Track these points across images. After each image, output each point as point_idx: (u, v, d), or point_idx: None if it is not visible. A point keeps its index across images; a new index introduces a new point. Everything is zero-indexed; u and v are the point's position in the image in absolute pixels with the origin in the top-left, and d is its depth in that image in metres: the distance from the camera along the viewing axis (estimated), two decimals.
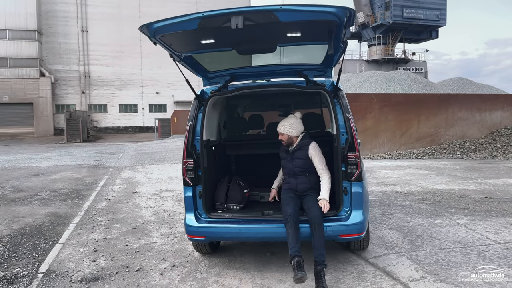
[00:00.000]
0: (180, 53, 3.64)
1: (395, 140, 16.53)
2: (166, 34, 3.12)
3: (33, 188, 9.80)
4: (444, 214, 6.34)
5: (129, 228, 6.14)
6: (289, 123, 4.37)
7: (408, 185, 9.19)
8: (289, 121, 4.39)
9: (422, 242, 4.96)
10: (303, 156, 4.35)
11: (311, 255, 3.94)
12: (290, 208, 3.96)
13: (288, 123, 4.37)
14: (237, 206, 4.46)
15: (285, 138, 4.39)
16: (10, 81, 44.36)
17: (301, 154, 4.36)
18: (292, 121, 4.39)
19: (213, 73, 4.38)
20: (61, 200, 8.39)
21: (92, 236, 5.78)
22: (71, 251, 5.16)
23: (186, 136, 4.22)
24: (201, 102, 4.28)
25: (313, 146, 4.37)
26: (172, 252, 4.98)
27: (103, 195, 8.87)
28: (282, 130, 4.38)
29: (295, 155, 4.38)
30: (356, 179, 3.98)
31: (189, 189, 4.24)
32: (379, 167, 12.73)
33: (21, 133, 43.46)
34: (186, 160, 4.20)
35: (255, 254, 4.77)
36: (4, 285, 4.12)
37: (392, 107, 16.40)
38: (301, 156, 4.36)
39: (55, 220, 6.76)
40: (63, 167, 14.21)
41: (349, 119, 4.00)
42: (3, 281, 4.23)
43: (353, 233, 3.96)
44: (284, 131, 4.37)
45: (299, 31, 3.20)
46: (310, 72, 4.19)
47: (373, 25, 45.09)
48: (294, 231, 3.82)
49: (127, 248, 5.20)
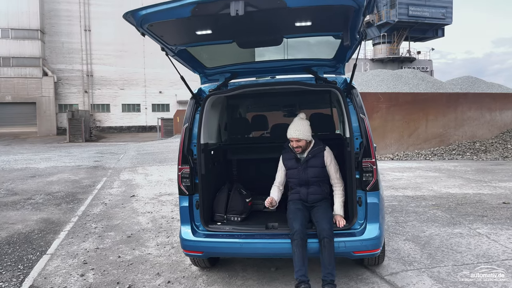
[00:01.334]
0: (174, 46, 3.20)
1: (402, 141, 16.05)
2: (155, 23, 2.68)
3: (27, 191, 9.41)
4: (462, 223, 5.88)
5: (124, 237, 5.73)
6: (303, 127, 3.86)
7: (419, 189, 8.73)
8: (302, 125, 3.88)
9: (442, 256, 4.51)
10: (319, 164, 3.88)
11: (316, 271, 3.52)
12: (297, 223, 3.52)
13: (302, 127, 3.85)
14: (238, 217, 4.03)
15: (303, 144, 3.88)
16: (13, 81, 44.18)
17: (316, 162, 3.89)
18: (305, 124, 3.91)
19: (212, 70, 3.93)
20: (55, 204, 8.00)
21: (84, 246, 5.37)
22: (59, 263, 4.76)
23: (181, 140, 3.79)
24: (198, 102, 3.85)
25: (328, 152, 3.94)
26: (168, 266, 4.56)
27: (100, 199, 8.47)
28: (300, 136, 3.82)
29: (309, 163, 3.89)
30: (372, 188, 3.55)
31: (185, 198, 3.81)
32: (387, 169, 12.27)
33: (24, 132, 43.24)
34: (182, 167, 3.78)
35: (258, 268, 4.34)
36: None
37: (400, 106, 15.92)
38: (316, 164, 3.89)
39: (46, 227, 6.36)
40: (61, 168, 13.84)
41: (364, 121, 3.57)
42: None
43: (369, 249, 3.52)
44: (303, 136, 3.83)
45: (309, 19, 2.76)
46: (320, 69, 3.75)
47: (378, 24, 44.48)
48: (301, 250, 3.39)
49: (120, 260, 4.78)
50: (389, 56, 44.50)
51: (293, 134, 3.83)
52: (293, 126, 3.88)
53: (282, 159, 4.06)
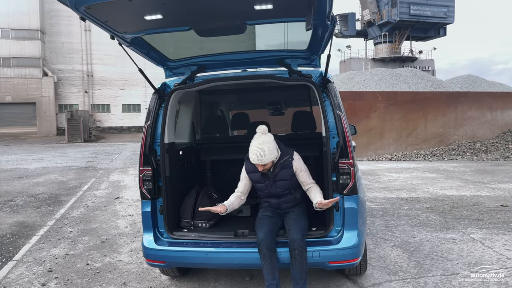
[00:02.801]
0: (124, 34, 2.88)
1: (401, 141, 15.70)
2: (92, 5, 2.36)
3: (10, 193, 9.13)
4: (456, 227, 5.54)
5: (98, 242, 5.42)
6: (267, 148, 3.30)
7: (414, 191, 8.39)
8: (265, 147, 3.30)
9: (431, 264, 4.18)
10: (288, 176, 3.44)
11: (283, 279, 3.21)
12: (262, 232, 3.16)
13: (267, 149, 3.29)
14: (207, 224, 3.69)
15: (270, 166, 3.38)
16: (13, 81, 44.01)
17: (284, 175, 3.44)
18: (268, 143, 3.32)
19: (176, 62, 3.61)
20: (35, 207, 7.70)
21: (53, 252, 5.07)
22: (23, 271, 4.46)
23: (143, 139, 3.48)
24: (162, 98, 3.54)
25: (296, 160, 3.46)
26: (136, 274, 4.25)
27: (83, 201, 8.17)
28: (265, 161, 3.29)
29: (277, 177, 3.45)
30: (349, 192, 3.22)
31: (147, 203, 3.50)
32: (383, 170, 11.92)
33: (24, 133, 43.08)
34: (143, 168, 3.46)
35: (232, 278, 4.02)
36: None
37: (398, 106, 15.57)
38: (285, 177, 3.44)
39: (20, 231, 6.07)
40: (51, 169, 13.57)
41: (341, 118, 3.24)
42: None
43: (346, 259, 3.19)
44: (268, 160, 3.30)
45: (269, 2, 2.44)
46: (294, 61, 3.42)
47: (379, 23, 43.96)
48: (270, 262, 3.07)
49: (87, 268, 4.48)
50: (391, 56, 43.99)
51: (257, 161, 3.31)
52: (255, 149, 3.32)
53: (245, 170, 3.60)
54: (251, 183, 3.60)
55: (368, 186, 8.98)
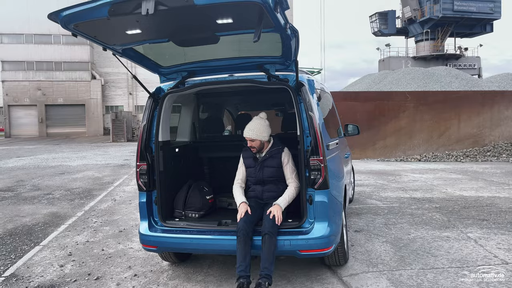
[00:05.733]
0: (113, 46, 3.32)
1: (432, 141, 15.39)
2: (80, 23, 2.80)
3: (50, 187, 10.02)
4: (456, 226, 5.60)
5: (116, 231, 5.98)
6: (259, 127, 3.92)
7: (431, 191, 8.37)
8: (258, 124, 3.94)
9: (414, 259, 4.34)
10: (275, 164, 3.93)
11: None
12: (242, 220, 3.56)
13: (258, 127, 3.91)
14: (196, 214, 4.10)
15: (257, 144, 3.95)
16: (64, 84, 46.82)
17: (272, 162, 3.94)
18: (261, 124, 3.96)
19: (168, 69, 4.03)
20: (69, 200, 8.46)
21: (76, 239, 5.67)
22: (46, 254, 5.06)
23: (139, 138, 3.93)
24: (157, 101, 3.97)
25: (286, 153, 3.97)
26: (142, 260, 4.73)
27: (112, 195, 8.86)
28: (253, 136, 3.90)
29: (265, 163, 3.96)
30: (320, 186, 3.50)
31: (143, 194, 3.95)
32: (408, 170, 11.83)
33: (74, 132, 45.80)
34: (140, 163, 3.92)
35: (224, 265, 4.40)
36: None
37: (429, 105, 15.28)
38: (272, 164, 3.94)
39: (51, 220, 6.77)
40: (90, 166, 14.57)
41: (312, 119, 3.52)
42: None
43: (315, 248, 3.47)
44: (256, 136, 3.90)
45: (227, 17, 2.78)
46: (272, 66, 3.74)
47: (420, 20, 42.62)
48: (242, 246, 3.42)
49: (101, 254, 5.01)
50: (433, 54, 42.54)
51: (246, 133, 3.91)
52: (249, 125, 3.94)
53: (242, 156, 4.14)
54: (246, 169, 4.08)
55: (384, 186, 9.05)
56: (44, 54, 45.51)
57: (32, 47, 45.10)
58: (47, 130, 45.88)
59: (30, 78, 45.53)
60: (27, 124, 45.71)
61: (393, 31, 45.99)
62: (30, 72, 45.71)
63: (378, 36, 47.55)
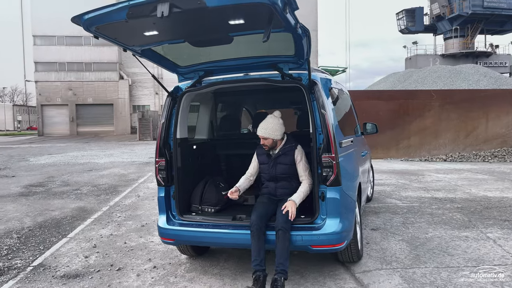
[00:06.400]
0: (133, 47, 3.49)
1: (458, 141, 15.05)
2: (101, 26, 2.98)
3: (78, 183, 10.42)
4: (476, 226, 5.52)
5: (138, 226, 6.20)
6: (272, 126, 3.98)
7: (454, 191, 8.23)
8: (271, 123, 4.00)
9: (429, 257, 4.33)
10: (288, 161, 3.99)
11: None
12: (255, 215, 3.66)
13: (271, 126, 3.98)
14: (212, 209, 4.23)
15: (269, 142, 4.02)
16: (93, 84, 48.22)
17: (285, 160, 4.01)
18: (275, 122, 4.02)
19: (185, 68, 4.17)
20: (96, 195, 8.79)
21: (101, 232, 5.92)
22: (73, 246, 5.32)
23: (158, 135, 4.10)
24: (175, 100, 4.12)
25: (299, 151, 4.02)
26: (161, 253, 4.91)
27: (136, 192, 9.14)
28: (265, 134, 3.97)
29: (278, 160, 4.03)
30: (332, 183, 3.56)
31: (161, 189, 4.12)
32: (431, 170, 11.64)
33: (103, 131, 47.12)
34: (158, 159, 4.08)
35: (240, 260, 4.51)
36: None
37: (456, 104, 14.94)
38: (285, 161, 4.01)
39: (78, 214, 7.07)
40: (117, 163, 15.02)
41: (324, 116, 3.59)
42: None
43: (327, 243, 3.54)
44: (268, 135, 3.97)
45: (239, 18, 2.89)
46: (285, 65, 3.82)
47: (449, 17, 41.54)
48: (257, 242, 3.53)
49: (124, 246, 5.23)
50: (462, 51, 41.40)
51: (260, 132, 3.99)
52: (262, 123, 4.02)
53: (256, 153, 4.24)
54: (259, 165, 4.18)
55: (405, 186, 8.96)
56: (75, 55, 46.98)
57: (64, 49, 46.61)
58: (78, 128, 47.35)
59: (61, 78, 47.13)
60: (58, 123, 47.36)
61: (420, 28, 45.03)
62: (61, 72, 47.31)
63: (405, 33, 46.68)
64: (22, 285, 4.09)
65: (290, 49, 3.55)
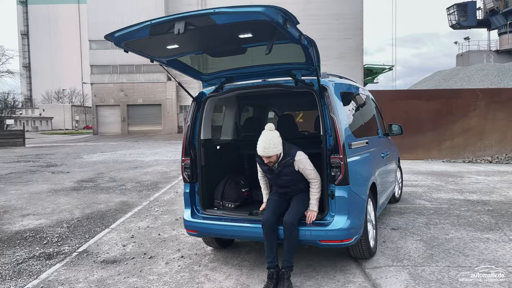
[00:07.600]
0: (159, 58, 3.93)
1: (506, 142, 14.42)
2: (129, 42, 3.43)
3: (124, 179, 11.21)
4: (502, 228, 5.48)
5: (173, 220, 6.69)
6: (272, 142, 3.86)
7: (490, 194, 8.05)
8: (270, 140, 3.86)
9: (443, 257, 4.42)
10: (291, 172, 3.99)
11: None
12: (266, 213, 3.94)
13: (272, 142, 3.85)
14: (232, 204, 4.59)
15: (274, 159, 3.93)
16: (143, 85, 50.45)
17: (287, 171, 3.98)
18: (273, 137, 3.90)
19: (208, 76, 4.57)
20: (138, 191, 9.47)
21: (139, 224, 6.47)
22: (113, 236, 5.89)
23: (184, 136, 4.51)
24: (199, 104, 4.52)
25: (298, 162, 3.94)
26: (190, 244, 5.34)
27: (175, 188, 9.72)
28: (269, 153, 3.84)
29: (281, 173, 4.01)
30: (340, 182, 3.79)
31: (187, 185, 4.52)
32: (472, 172, 11.32)
33: (152, 130, 49.22)
34: (184, 158, 4.49)
35: (259, 253, 4.83)
36: (44, 259, 4.95)
37: (503, 103, 14.34)
38: (287, 173, 3.99)
39: (121, 207, 7.71)
40: (161, 161, 15.84)
41: (333, 120, 3.83)
42: (46, 256, 5.08)
43: (335, 239, 3.79)
44: (272, 153, 3.85)
45: (248, 32, 3.22)
46: (298, 72, 4.09)
47: (504, 11, 39.29)
48: (270, 239, 3.83)
49: (157, 237, 5.72)
50: None
51: (263, 153, 3.89)
52: (261, 143, 3.89)
53: (257, 162, 4.26)
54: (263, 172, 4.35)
55: (439, 188, 8.85)
56: (126, 58, 49.25)
57: (116, 52, 49.04)
58: (128, 128, 49.75)
59: (114, 80, 49.74)
60: (111, 123, 50.04)
61: (473, 23, 42.99)
62: (114, 75, 49.92)
63: (456, 29, 44.76)
64: (67, 267, 4.66)
65: (302, 57, 3.83)
